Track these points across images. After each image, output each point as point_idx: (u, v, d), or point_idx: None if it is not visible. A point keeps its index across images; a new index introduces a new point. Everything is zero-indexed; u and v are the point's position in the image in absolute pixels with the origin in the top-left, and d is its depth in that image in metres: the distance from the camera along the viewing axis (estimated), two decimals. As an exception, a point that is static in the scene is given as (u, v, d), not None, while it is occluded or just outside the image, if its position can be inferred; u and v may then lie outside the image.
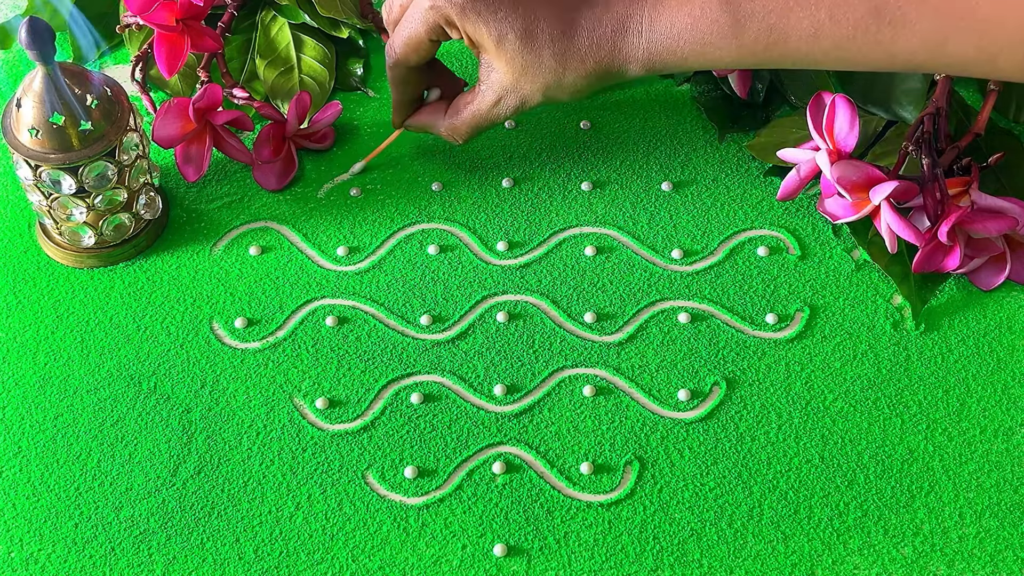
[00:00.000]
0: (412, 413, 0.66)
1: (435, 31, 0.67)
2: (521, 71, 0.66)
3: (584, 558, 0.61)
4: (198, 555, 0.61)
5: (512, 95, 0.68)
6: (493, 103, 0.68)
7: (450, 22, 0.66)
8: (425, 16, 0.66)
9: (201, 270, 0.72)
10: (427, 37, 0.67)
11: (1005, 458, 0.65)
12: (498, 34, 0.65)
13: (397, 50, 0.69)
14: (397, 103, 0.73)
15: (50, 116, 0.65)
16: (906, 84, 0.77)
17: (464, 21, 0.65)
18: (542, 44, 0.65)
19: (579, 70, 0.66)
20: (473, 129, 0.71)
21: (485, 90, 0.68)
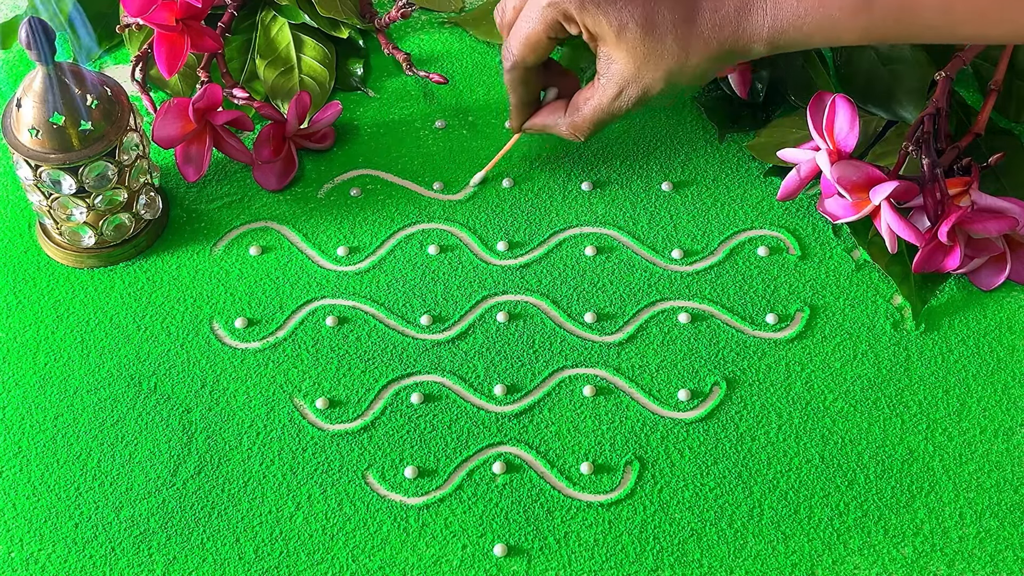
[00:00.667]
0: (412, 413, 0.66)
1: (553, 28, 0.66)
2: (643, 60, 0.65)
3: (584, 558, 0.61)
4: (198, 555, 0.61)
5: (634, 85, 0.66)
6: (615, 95, 0.67)
7: (568, 17, 0.65)
8: (543, 14, 0.65)
9: (201, 270, 0.72)
10: (545, 35, 0.66)
11: (1005, 458, 0.65)
12: (618, 24, 0.64)
13: (515, 51, 0.68)
14: (516, 106, 0.72)
15: (50, 116, 0.65)
16: (906, 84, 0.77)
17: (583, 14, 0.64)
18: (664, 30, 0.64)
19: (703, 53, 0.65)
20: (596, 124, 0.70)
21: (606, 83, 0.67)
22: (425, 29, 0.86)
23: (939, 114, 0.72)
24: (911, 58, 0.77)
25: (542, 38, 0.67)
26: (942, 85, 0.73)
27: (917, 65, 0.77)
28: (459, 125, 0.80)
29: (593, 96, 0.68)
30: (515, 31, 0.68)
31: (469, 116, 0.80)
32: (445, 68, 0.83)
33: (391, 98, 0.81)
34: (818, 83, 0.78)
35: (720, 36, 0.64)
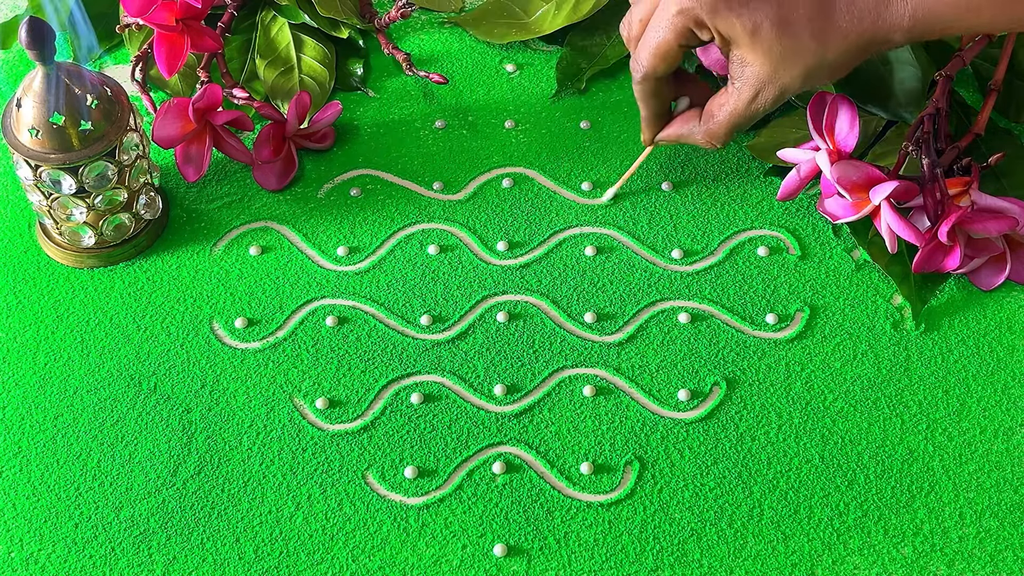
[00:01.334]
0: (412, 413, 0.66)
1: (684, 36, 0.64)
2: (779, 60, 0.63)
3: (584, 558, 0.61)
4: (198, 555, 0.61)
5: (770, 86, 0.64)
6: (751, 98, 0.65)
7: (700, 23, 0.63)
8: (673, 22, 0.64)
9: (201, 270, 0.72)
10: (676, 43, 0.65)
11: (1005, 458, 0.65)
12: (752, 25, 0.62)
13: (645, 62, 0.66)
14: (648, 118, 0.71)
15: (50, 116, 0.65)
16: (906, 84, 0.77)
17: (715, 19, 0.63)
18: (800, 27, 0.62)
19: (841, 46, 0.63)
20: (732, 129, 0.68)
21: (741, 87, 0.65)
22: (425, 29, 0.86)
23: (939, 114, 0.72)
24: (911, 58, 0.77)
25: (672, 47, 0.65)
26: (942, 85, 0.73)
27: (917, 65, 0.77)
28: (459, 125, 0.80)
29: (728, 101, 0.67)
30: (644, 42, 0.66)
31: (469, 116, 0.80)
32: (445, 68, 0.83)
33: (391, 98, 0.81)
34: (818, 83, 0.78)
35: (859, 28, 0.62)
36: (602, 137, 0.79)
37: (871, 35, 0.63)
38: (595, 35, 0.83)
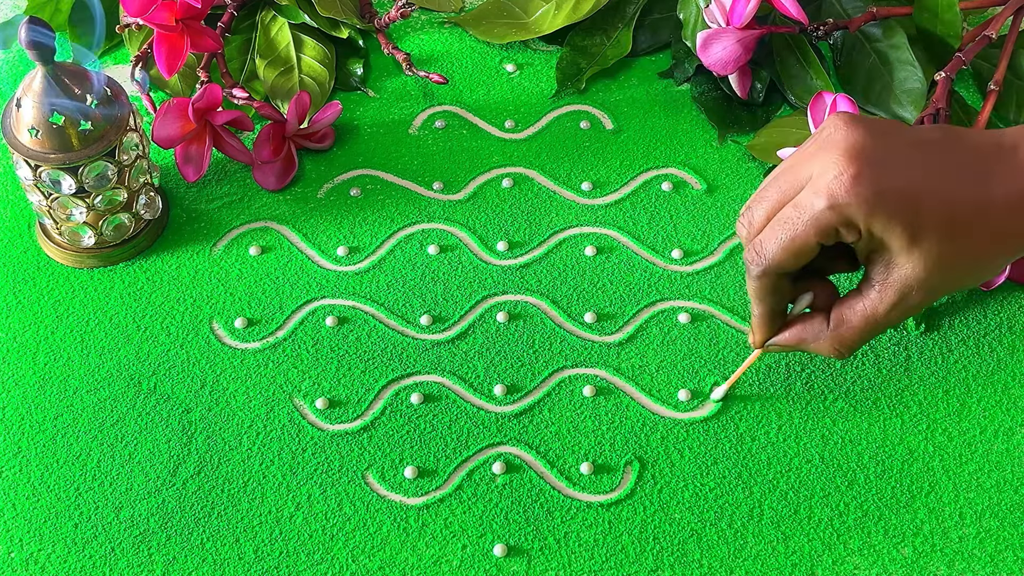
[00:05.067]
0: (412, 413, 0.66)
1: (828, 234, 0.56)
2: (936, 263, 0.56)
3: (584, 558, 0.61)
4: (198, 555, 0.61)
5: (919, 292, 0.57)
6: (894, 303, 0.58)
7: (851, 223, 0.55)
8: (819, 217, 0.55)
9: (201, 270, 0.72)
10: (816, 240, 0.56)
11: (1005, 458, 0.65)
12: (913, 230, 0.55)
13: (771, 256, 0.57)
14: (762, 317, 0.61)
15: (50, 116, 0.65)
16: (906, 84, 0.77)
17: (872, 221, 0.55)
18: (965, 230, 0.55)
19: (997, 250, 0.57)
20: (866, 338, 0.60)
21: (882, 289, 0.58)
22: (425, 29, 0.86)
23: (939, 114, 0.72)
24: (911, 58, 0.77)
25: (811, 243, 0.56)
26: (942, 85, 0.73)
27: (917, 65, 0.77)
28: (459, 125, 0.80)
29: (866, 305, 0.59)
30: (773, 233, 0.57)
31: (469, 116, 0.80)
32: (445, 68, 0.83)
33: (391, 98, 0.81)
34: (818, 83, 0.78)
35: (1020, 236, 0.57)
36: (602, 137, 0.79)
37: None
38: (595, 35, 0.83)
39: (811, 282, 0.62)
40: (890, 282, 0.57)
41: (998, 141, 0.57)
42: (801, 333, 0.61)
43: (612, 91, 0.82)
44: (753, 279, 0.59)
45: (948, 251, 0.56)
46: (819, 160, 0.55)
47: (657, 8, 0.84)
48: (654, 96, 0.81)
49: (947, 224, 0.55)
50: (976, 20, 0.83)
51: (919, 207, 0.55)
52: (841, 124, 0.56)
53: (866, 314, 0.59)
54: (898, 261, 0.56)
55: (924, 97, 0.76)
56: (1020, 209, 0.56)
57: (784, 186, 0.57)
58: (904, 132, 0.57)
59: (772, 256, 0.57)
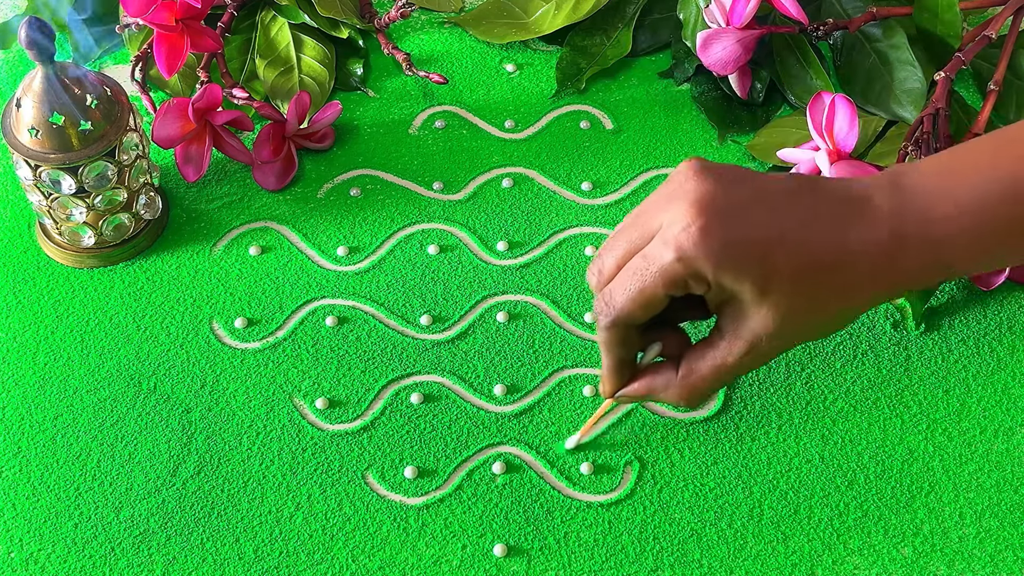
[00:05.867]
0: (412, 413, 0.66)
1: (677, 286, 0.55)
2: (786, 315, 0.55)
3: (584, 558, 0.61)
4: (198, 555, 0.61)
5: (770, 342, 0.56)
6: (744, 353, 0.56)
7: (699, 276, 0.54)
8: (667, 270, 0.54)
9: (201, 270, 0.72)
10: (664, 292, 0.55)
11: (1005, 458, 0.65)
12: (763, 283, 0.54)
13: (619, 307, 0.56)
14: (611, 367, 0.60)
15: (50, 116, 0.65)
16: (906, 84, 0.77)
17: (721, 274, 0.53)
18: (816, 282, 0.55)
19: (857, 299, 0.56)
20: (715, 387, 0.59)
21: (732, 339, 0.56)
22: (425, 29, 0.86)
23: (939, 114, 0.72)
24: (911, 58, 0.77)
25: (660, 295, 0.55)
26: (942, 85, 0.73)
27: (917, 65, 0.77)
28: (459, 125, 0.80)
29: (716, 355, 0.57)
30: (621, 284, 0.56)
31: (469, 116, 0.80)
32: (445, 68, 0.83)
33: (391, 98, 0.81)
34: (818, 83, 0.78)
35: (875, 282, 0.56)
36: (602, 137, 0.79)
37: (888, 287, 0.56)
38: (595, 35, 0.83)
39: (662, 331, 0.60)
40: (740, 333, 0.56)
41: (850, 191, 0.56)
42: (651, 383, 0.60)
43: (612, 91, 0.82)
44: (602, 330, 0.58)
45: (799, 303, 0.55)
46: (669, 210, 0.54)
47: (657, 8, 0.84)
48: (654, 96, 0.81)
49: (798, 276, 0.54)
50: (976, 20, 0.83)
51: (769, 259, 0.54)
52: (692, 173, 0.55)
53: (715, 364, 0.58)
54: (748, 312, 0.55)
55: (924, 97, 0.76)
56: (872, 260, 0.55)
57: (634, 235, 0.56)
58: (757, 181, 0.56)
59: (621, 307, 0.56)
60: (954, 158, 0.57)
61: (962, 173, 0.55)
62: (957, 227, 0.55)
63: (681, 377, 0.59)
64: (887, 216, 0.55)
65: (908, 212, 0.55)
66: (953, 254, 0.55)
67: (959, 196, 0.55)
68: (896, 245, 0.55)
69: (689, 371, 0.59)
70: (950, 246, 0.55)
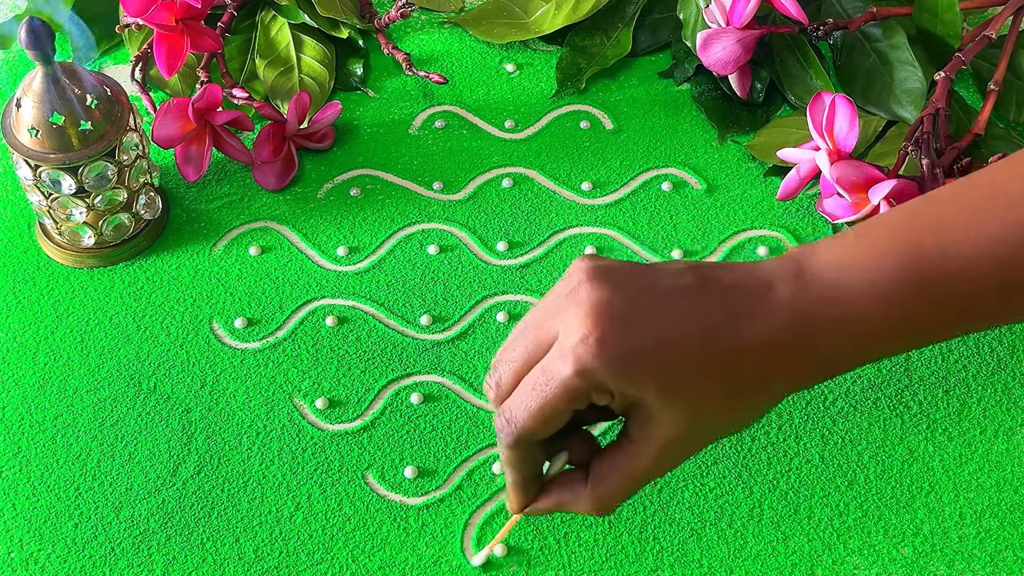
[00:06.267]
0: (412, 413, 0.66)
1: (579, 400, 0.52)
2: (693, 416, 0.52)
3: (584, 558, 0.61)
4: (198, 555, 0.61)
5: (682, 443, 0.54)
6: (655, 458, 0.54)
7: (601, 387, 0.51)
8: (568, 384, 0.51)
9: (201, 270, 0.72)
10: (566, 407, 0.52)
11: (1005, 458, 0.65)
12: (667, 387, 0.51)
13: (521, 426, 0.53)
14: (516, 484, 0.56)
15: (50, 116, 0.65)
16: (906, 84, 0.77)
17: (623, 384, 0.51)
18: (722, 379, 0.52)
19: (765, 393, 0.54)
20: (627, 495, 0.56)
21: (642, 447, 0.54)
22: (425, 29, 0.86)
23: (939, 114, 0.72)
24: (911, 58, 0.77)
25: (562, 410, 0.52)
26: (942, 85, 0.73)
27: (917, 65, 0.77)
28: (459, 125, 0.80)
29: (625, 462, 0.54)
30: (519, 401, 0.53)
31: (469, 116, 0.80)
32: (445, 68, 0.83)
33: (391, 98, 0.81)
34: (818, 83, 0.78)
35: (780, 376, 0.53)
36: (602, 137, 0.79)
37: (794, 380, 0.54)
38: (595, 35, 0.83)
39: (568, 438, 0.56)
40: (650, 439, 0.53)
41: (753, 281, 0.53)
42: (559, 496, 0.56)
43: (612, 91, 0.82)
44: (504, 448, 0.54)
45: (705, 404, 0.52)
46: (565, 319, 0.51)
47: (657, 8, 0.84)
48: (654, 96, 0.81)
49: (703, 376, 0.52)
50: (976, 20, 0.83)
51: (671, 363, 0.51)
52: (585, 278, 0.52)
53: (625, 472, 0.54)
54: (656, 417, 0.52)
55: (924, 97, 0.76)
56: (775, 354, 0.52)
57: (531, 345, 0.53)
58: (654, 279, 0.53)
59: (523, 425, 0.53)
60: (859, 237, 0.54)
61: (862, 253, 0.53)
62: (861, 309, 0.52)
63: (591, 489, 0.55)
64: (788, 304, 0.52)
65: (811, 301, 0.52)
66: (862, 342, 0.53)
67: (860, 281, 0.52)
68: (800, 336, 0.52)
69: (599, 480, 0.55)
70: (857, 335, 0.52)
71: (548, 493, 0.57)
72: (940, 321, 0.53)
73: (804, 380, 0.54)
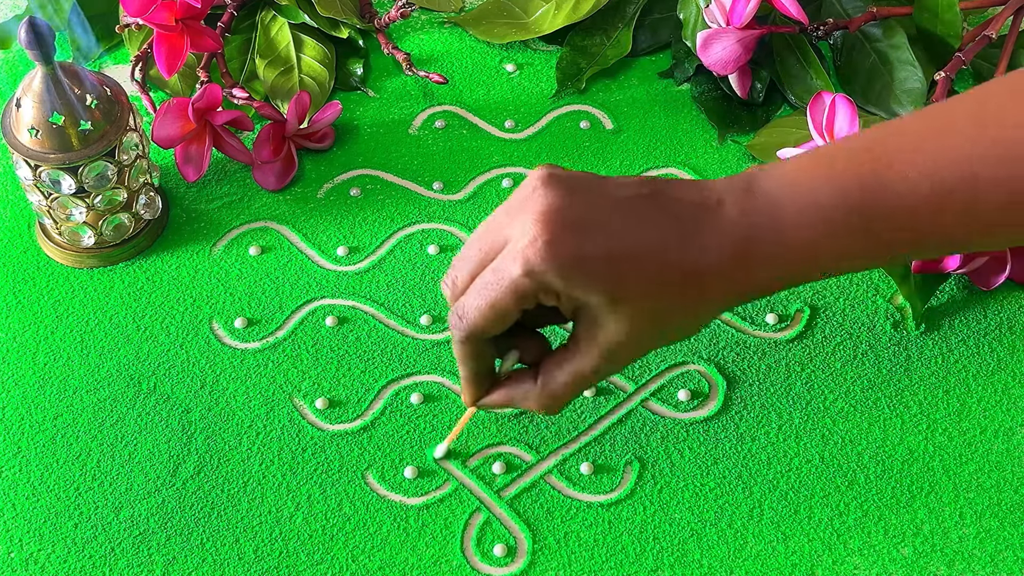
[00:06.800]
0: (412, 413, 0.66)
1: (527, 300, 0.54)
2: (640, 323, 0.55)
3: (584, 558, 0.61)
4: (198, 555, 0.61)
5: (626, 348, 0.56)
6: (601, 361, 0.56)
7: (548, 289, 0.54)
8: (516, 284, 0.53)
9: (201, 270, 0.72)
10: (515, 307, 0.55)
11: (1005, 458, 0.65)
12: (614, 293, 0.54)
13: (472, 322, 0.56)
14: (469, 378, 0.60)
15: (50, 116, 0.65)
16: (906, 84, 0.77)
17: (570, 287, 0.53)
18: (667, 290, 0.54)
19: (710, 306, 0.56)
20: (574, 395, 0.59)
21: (588, 347, 0.56)
22: (425, 29, 0.86)
23: (939, 114, 0.72)
24: (911, 58, 0.77)
25: (510, 309, 0.55)
26: (942, 85, 0.73)
27: (917, 65, 0.77)
28: (459, 125, 0.80)
29: (573, 363, 0.57)
30: (472, 299, 0.56)
31: (469, 116, 0.80)
32: (445, 68, 0.83)
33: (391, 98, 0.81)
34: (818, 83, 0.78)
35: (725, 287, 0.55)
36: (602, 137, 0.79)
37: (738, 292, 0.56)
38: (595, 35, 0.83)
39: (520, 337, 0.60)
40: (596, 341, 0.56)
41: (704, 197, 0.55)
42: (510, 392, 0.60)
43: (612, 91, 0.82)
44: (456, 344, 0.57)
45: (652, 311, 0.55)
46: (517, 222, 0.54)
47: (657, 8, 0.84)
48: (654, 96, 0.81)
49: (650, 284, 0.54)
50: (976, 20, 0.83)
51: (619, 269, 0.53)
52: (540, 184, 0.54)
53: (573, 372, 0.57)
54: (602, 322, 0.55)
55: (924, 97, 0.76)
56: (724, 266, 0.54)
57: (485, 247, 0.56)
58: (608, 189, 0.55)
59: (473, 322, 0.56)
60: (813, 160, 0.56)
61: (811, 179, 0.55)
62: (803, 234, 0.54)
63: (540, 386, 0.58)
64: (737, 222, 0.54)
65: (758, 217, 0.54)
66: (804, 261, 0.55)
67: (803, 203, 0.54)
68: (746, 252, 0.54)
69: (547, 380, 0.58)
70: (799, 253, 0.55)
71: (499, 389, 0.60)
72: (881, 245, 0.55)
73: (750, 294, 0.57)
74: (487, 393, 0.60)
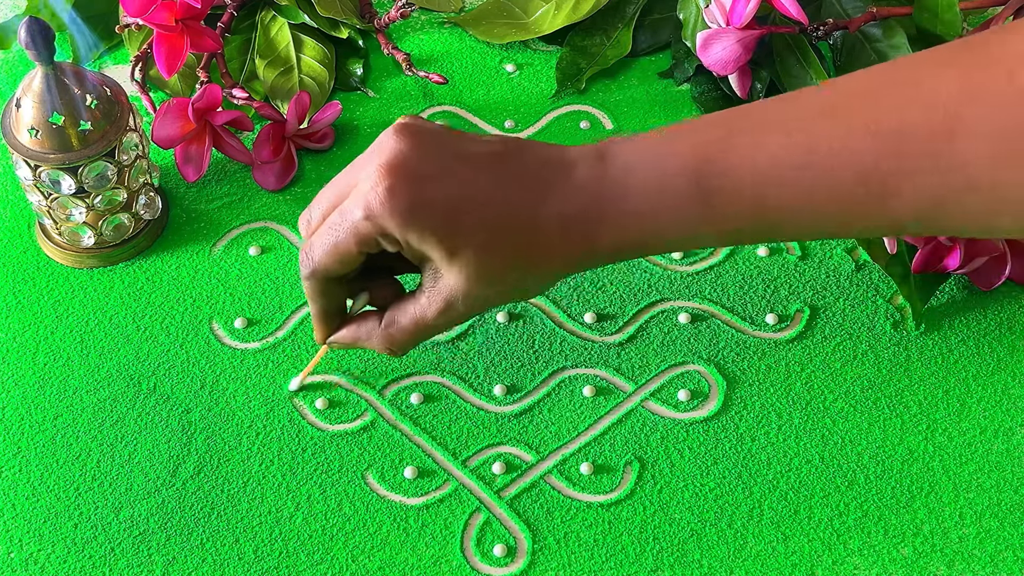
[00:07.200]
0: (412, 413, 0.66)
1: (367, 244, 0.56)
2: (477, 276, 0.56)
3: (584, 558, 0.61)
4: (198, 555, 0.61)
5: (464, 301, 0.57)
6: (441, 309, 0.58)
7: (387, 235, 0.55)
8: (357, 227, 0.56)
9: (201, 270, 0.72)
10: (357, 249, 0.56)
11: (1005, 458, 0.65)
12: (451, 244, 0.55)
13: (316, 259, 0.58)
14: (317, 316, 0.62)
15: (50, 116, 0.65)
16: (906, 84, 0.77)
17: (407, 234, 0.55)
18: (510, 245, 0.56)
19: (550, 265, 0.57)
20: (415, 340, 0.61)
21: (431, 296, 0.58)
22: (425, 29, 0.86)
23: (939, 114, 0.72)
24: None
25: (352, 251, 0.57)
26: (942, 85, 0.73)
27: (917, 65, 0.77)
28: (459, 125, 0.80)
29: (415, 309, 0.59)
30: (319, 238, 0.57)
31: (469, 116, 0.80)
32: (445, 68, 0.83)
33: (391, 98, 0.81)
34: (818, 83, 0.78)
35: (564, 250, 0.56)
36: (602, 137, 0.79)
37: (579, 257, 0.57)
38: (595, 35, 0.83)
39: (374, 281, 0.62)
40: (437, 290, 0.58)
41: (560, 157, 0.57)
42: (355, 332, 0.62)
43: (612, 91, 0.82)
44: (304, 280, 0.60)
45: (492, 265, 0.56)
46: (365, 168, 0.56)
47: (657, 8, 0.84)
48: (654, 96, 0.81)
49: (490, 238, 0.55)
50: (976, 20, 0.83)
51: (456, 222, 0.55)
52: (394, 132, 0.56)
53: (415, 318, 0.59)
54: (442, 272, 0.57)
55: (924, 97, 0.76)
56: (571, 228, 0.56)
57: (339, 189, 0.57)
58: (461, 144, 0.57)
59: (318, 261, 0.58)
60: (667, 133, 0.57)
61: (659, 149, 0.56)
62: (647, 201, 0.55)
63: (383, 328, 0.61)
64: (584, 185, 0.56)
65: (607, 183, 0.56)
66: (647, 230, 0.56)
67: (650, 170, 0.55)
68: (590, 214, 0.56)
69: (391, 323, 0.60)
70: (642, 220, 0.56)
71: (347, 328, 0.62)
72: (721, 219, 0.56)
73: (593, 259, 0.58)
74: (336, 331, 0.62)
